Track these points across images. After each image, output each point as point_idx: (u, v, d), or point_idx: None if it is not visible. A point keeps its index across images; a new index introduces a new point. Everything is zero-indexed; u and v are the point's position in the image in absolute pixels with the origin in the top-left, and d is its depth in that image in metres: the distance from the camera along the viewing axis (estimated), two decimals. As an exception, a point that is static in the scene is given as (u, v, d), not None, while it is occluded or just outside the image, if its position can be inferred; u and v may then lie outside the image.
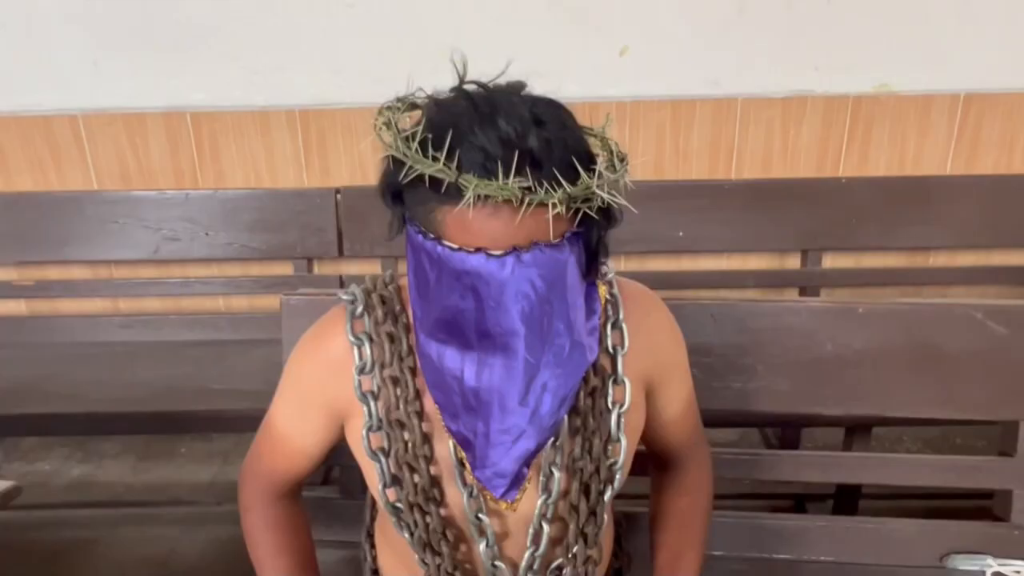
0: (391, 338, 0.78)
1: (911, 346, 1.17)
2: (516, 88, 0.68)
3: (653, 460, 0.97)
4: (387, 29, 1.91)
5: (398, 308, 0.80)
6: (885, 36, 1.93)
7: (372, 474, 0.81)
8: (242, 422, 1.23)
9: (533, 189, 0.62)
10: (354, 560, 0.96)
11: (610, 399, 0.80)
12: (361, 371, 0.79)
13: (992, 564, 1.19)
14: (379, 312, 0.79)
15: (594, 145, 0.69)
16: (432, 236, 0.67)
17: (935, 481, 1.21)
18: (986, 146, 2.02)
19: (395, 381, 0.78)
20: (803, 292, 2.04)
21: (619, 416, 0.80)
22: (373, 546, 0.94)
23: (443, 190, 0.63)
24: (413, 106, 0.69)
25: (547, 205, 0.63)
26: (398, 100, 0.69)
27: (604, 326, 0.80)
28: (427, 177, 0.63)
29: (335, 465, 1.31)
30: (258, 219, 1.95)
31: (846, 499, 1.76)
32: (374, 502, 0.96)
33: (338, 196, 1.93)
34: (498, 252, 0.65)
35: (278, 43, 1.93)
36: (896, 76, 1.98)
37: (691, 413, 0.92)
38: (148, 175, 2.02)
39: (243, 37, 1.92)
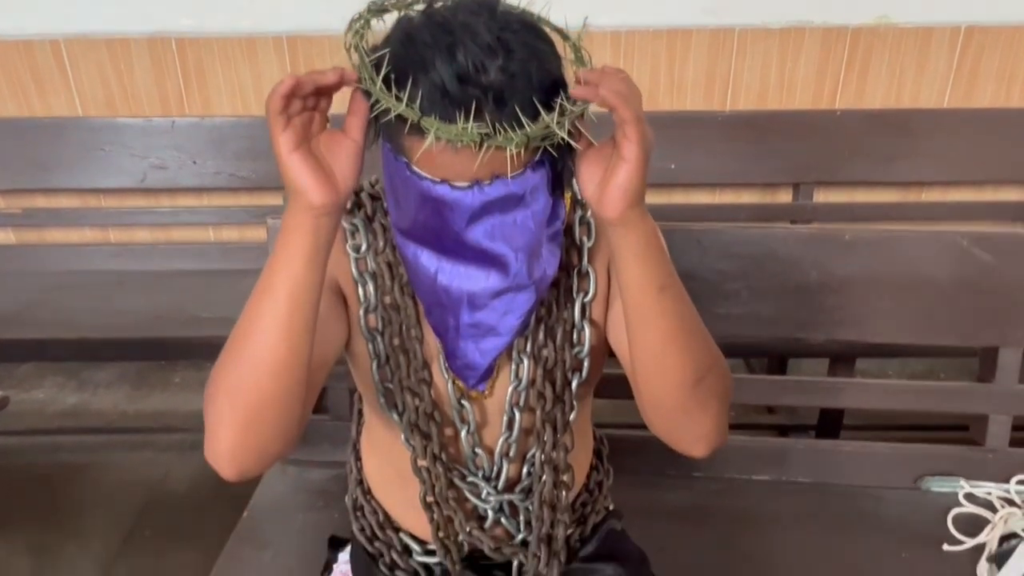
0: (383, 228, 0.80)
1: (896, 274, 1.17)
2: (487, 5, 0.66)
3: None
4: (376, -49, 1.85)
5: (386, 204, 0.80)
6: (886, -35, 1.90)
7: (364, 359, 0.83)
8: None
9: (493, 132, 0.62)
10: (343, 478, 0.99)
11: (574, 289, 0.82)
12: (357, 251, 0.80)
13: (964, 486, 1.22)
14: (368, 207, 0.81)
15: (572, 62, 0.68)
16: (402, 159, 0.67)
17: (916, 406, 1.24)
18: (984, 79, 2.00)
19: (389, 266, 0.80)
20: (794, 227, 2.04)
21: (583, 304, 0.82)
22: (359, 458, 0.96)
23: (407, 128, 0.64)
24: (383, 10, 0.68)
25: (505, 148, 0.63)
26: (369, 9, 0.68)
27: (572, 222, 0.81)
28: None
29: (326, 388, 1.33)
30: (246, 148, 1.93)
31: (828, 429, 1.80)
32: (360, 414, 0.97)
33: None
34: (462, 184, 0.66)
35: (264, -35, 1.88)
36: (896, 7, 1.94)
37: None
38: (133, 102, 1.99)
39: (228, -41, 1.87)
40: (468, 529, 0.86)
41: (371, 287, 0.81)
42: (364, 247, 0.81)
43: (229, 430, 0.69)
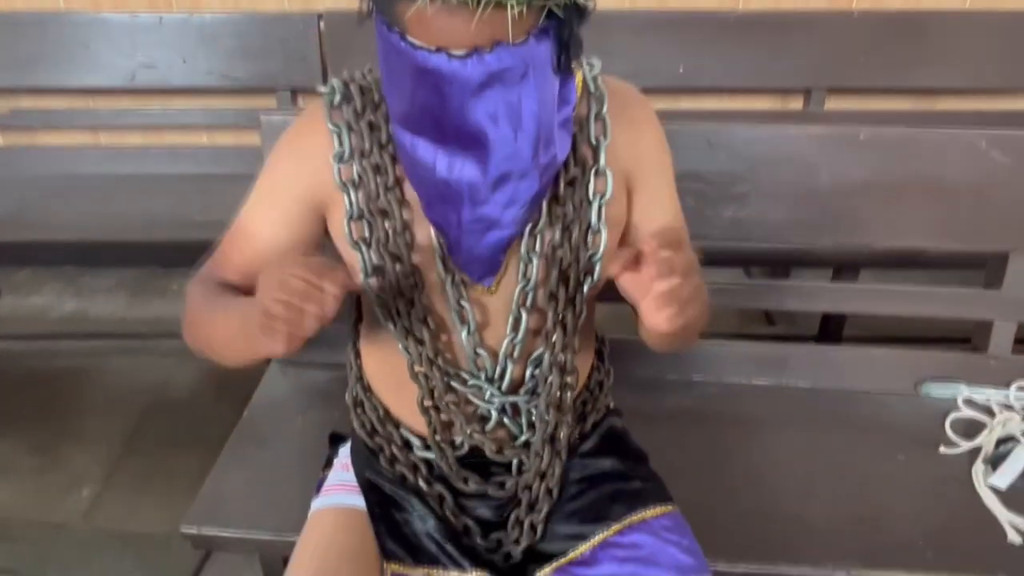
0: (371, 126, 0.76)
1: (909, 175, 1.14)
2: None
3: None
4: None
5: (377, 97, 0.77)
6: None
7: (355, 268, 0.81)
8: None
9: None
10: (343, 379, 0.98)
11: (591, 189, 0.79)
12: (340, 159, 0.77)
13: (964, 390, 1.22)
14: (358, 102, 0.77)
15: None
16: (396, 29, 0.63)
17: (920, 311, 1.22)
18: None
19: (376, 169, 0.77)
20: (803, 135, 1.99)
21: (600, 206, 0.79)
22: (358, 356, 0.95)
23: None
24: None
25: (505, 6, 0.59)
26: None
27: (587, 118, 0.78)
28: None
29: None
30: (238, 46, 1.85)
31: (829, 337, 1.80)
32: (359, 313, 0.96)
33: (321, 22, 1.82)
34: (459, 52, 0.62)
35: None
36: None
37: (678, 226, 0.90)
38: (118, -5, 1.90)
39: None
40: (469, 431, 0.85)
41: (355, 194, 0.78)
42: (347, 153, 0.78)
43: (203, 354, 0.80)
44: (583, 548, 0.86)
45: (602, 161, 0.78)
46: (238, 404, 1.25)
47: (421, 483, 0.89)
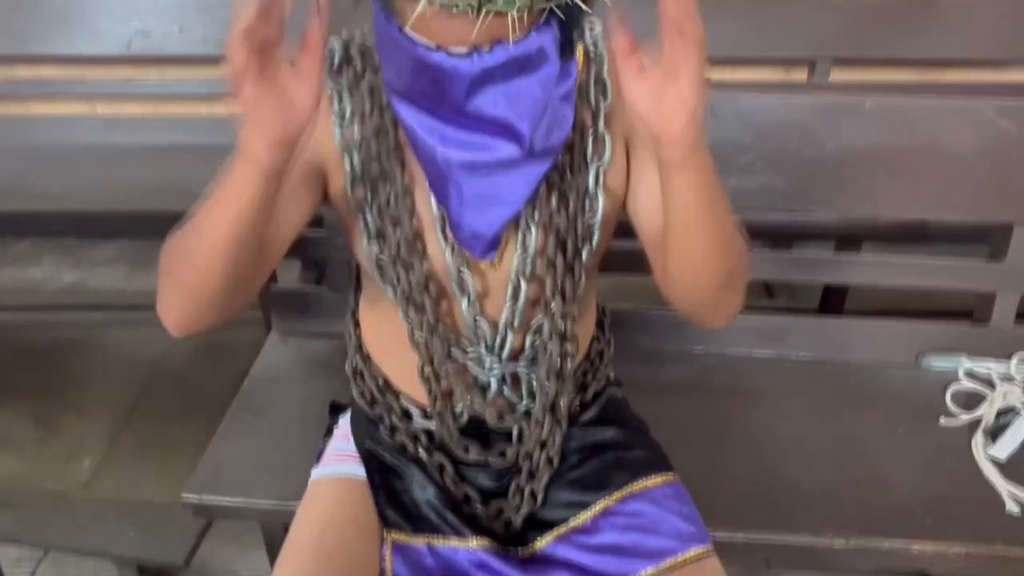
0: (371, 90, 0.74)
1: (915, 145, 1.13)
2: None
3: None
4: None
5: (378, 60, 0.75)
6: None
7: (356, 231, 0.80)
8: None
9: None
10: (343, 349, 0.98)
11: (588, 154, 0.77)
12: (342, 119, 0.75)
13: (965, 362, 1.22)
14: (358, 63, 0.75)
15: None
16: (394, 20, 0.62)
17: (923, 283, 1.22)
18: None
19: (377, 132, 0.75)
20: (807, 107, 1.96)
21: (598, 171, 0.78)
22: (357, 325, 0.94)
23: None
24: None
25: (506, 13, 0.58)
26: None
27: (586, 82, 0.76)
28: None
29: (325, 261, 1.32)
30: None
31: (830, 311, 1.79)
32: (359, 280, 0.95)
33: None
34: (460, 51, 0.61)
35: None
36: None
37: None
38: (110, -42, 1.86)
39: None
40: (469, 400, 0.85)
41: (357, 156, 0.76)
42: (349, 113, 0.76)
43: (175, 301, 0.73)
44: (584, 516, 0.87)
45: (600, 125, 0.77)
46: (238, 375, 1.25)
47: (421, 452, 0.89)
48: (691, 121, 0.60)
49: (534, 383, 0.86)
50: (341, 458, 0.93)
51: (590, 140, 0.77)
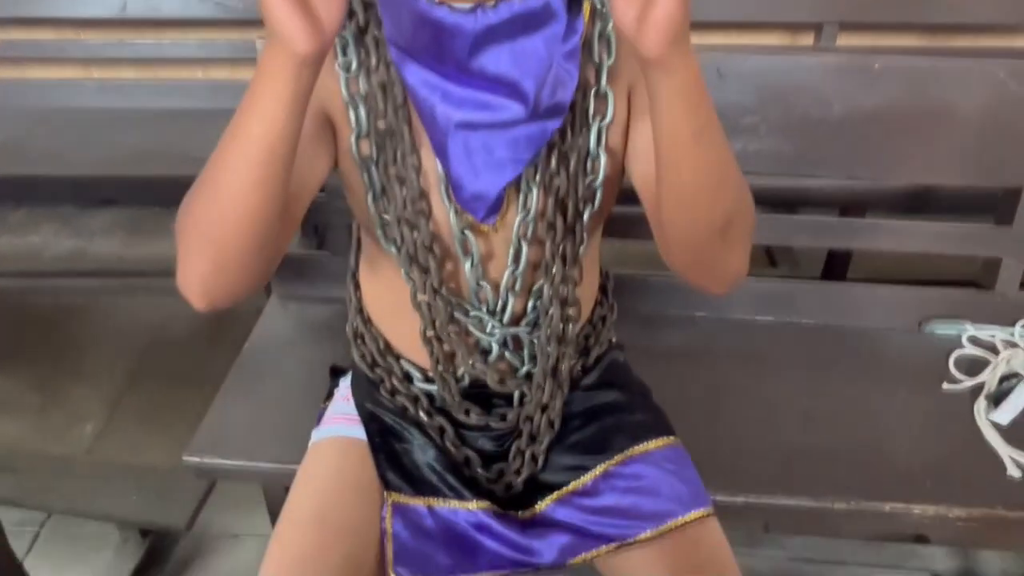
0: (376, 42, 0.72)
1: (924, 107, 1.11)
2: None
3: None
4: None
5: (381, 11, 0.72)
6: None
7: (359, 189, 0.78)
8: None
9: None
10: (343, 314, 0.97)
11: (590, 112, 0.75)
12: (348, 70, 0.73)
13: (969, 328, 1.21)
14: (360, 16, 0.72)
15: None
16: None
17: (928, 248, 1.21)
18: None
19: (383, 87, 0.73)
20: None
21: (599, 130, 0.76)
22: (358, 287, 0.93)
23: None
24: None
25: None
26: None
27: (591, 36, 0.73)
28: None
29: (326, 225, 1.31)
30: (231, -27, 1.79)
31: (832, 279, 1.78)
32: (359, 243, 0.94)
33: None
34: (463, 7, 0.60)
35: None
36: None
37: None
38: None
39: None
40: (471, 362, 0.84)
41: (363, 111, 0.74)
42: (355, 65, 0.73)
43: (199, 265, 0.68)
44: (585, 478, 0.87)
45: (603, 82, 0.74)
46: (239, 340, 1.24)
47: (422, 415, 0.88)
48: (676, 6, 0.53)
49: (536, 346, 0.85)
50: (341, 420, 0.93)
51: (592, 98, 0.75)
